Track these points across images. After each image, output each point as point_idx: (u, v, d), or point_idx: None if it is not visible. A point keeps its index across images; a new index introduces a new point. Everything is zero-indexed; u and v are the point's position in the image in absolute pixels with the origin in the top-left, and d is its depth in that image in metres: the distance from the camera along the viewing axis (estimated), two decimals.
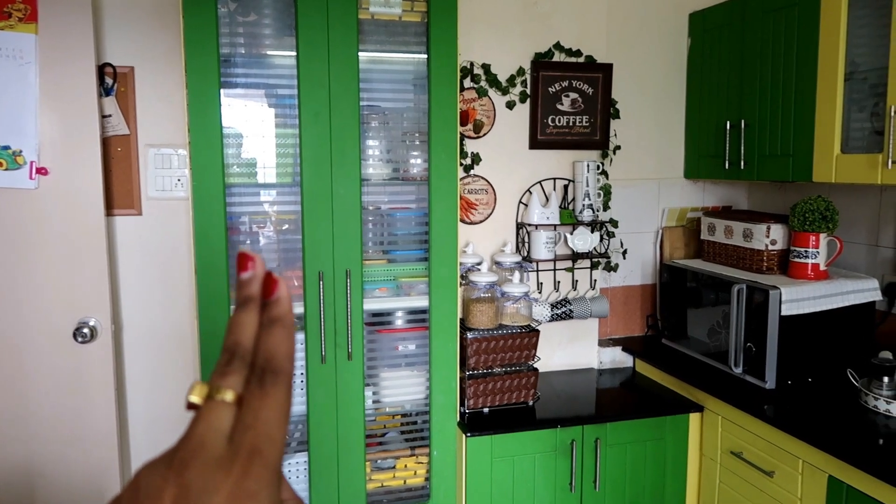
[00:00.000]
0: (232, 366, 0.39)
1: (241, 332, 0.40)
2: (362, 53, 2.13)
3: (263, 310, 0.41)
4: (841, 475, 1.84)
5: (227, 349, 0.40)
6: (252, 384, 0.38)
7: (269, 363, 0.38)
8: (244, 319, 0.40)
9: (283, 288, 0.41)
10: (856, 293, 2.29)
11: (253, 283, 0.41)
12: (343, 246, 2.12)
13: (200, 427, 0.37)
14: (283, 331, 0.40)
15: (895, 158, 1.92)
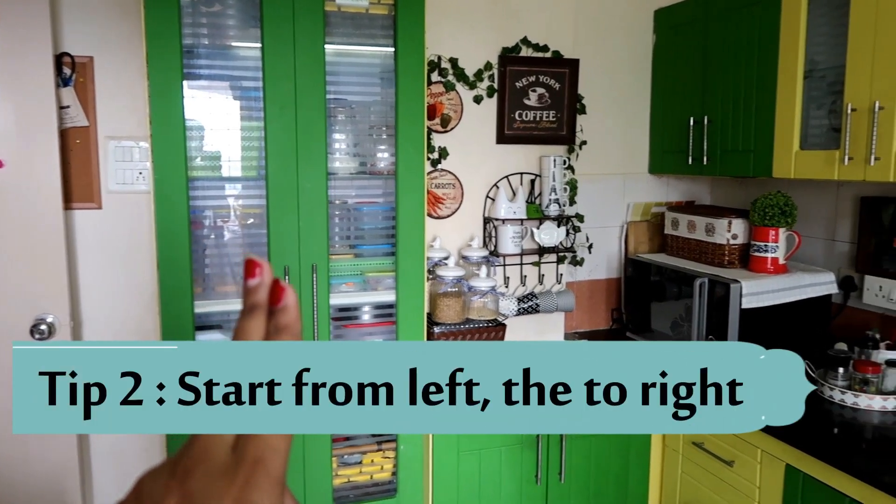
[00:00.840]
0: None
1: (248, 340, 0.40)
2: (329, 46, 2.11)
3: (270, 317, 0.40)
4: (797, 464, 1.89)
5: None
6: None
7: None
8: (251, 327, 0.40)
9: (290, 296, 0.40)
10: (813, 286, 2.35)
11: (260, 289, 0.41)
12: (309, 240, 2.10)
13: (204, 436, 0.36)
14: (290, 338, 0.40)
15: (851, 155, 1.97)
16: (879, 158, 1.89)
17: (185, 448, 0.37)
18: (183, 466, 0.35)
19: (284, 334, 0.39)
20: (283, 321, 0.40)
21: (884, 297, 2.23)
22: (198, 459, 0.36)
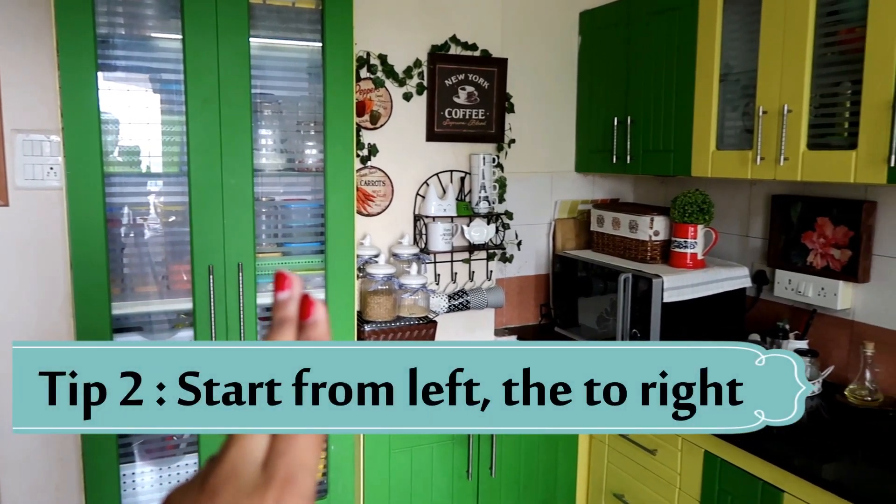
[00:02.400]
0: None
1: None
2: (254, 40, 2.06)
3: (300, 331, 0.40)
4: (715, 450, 1.98)
5: None
6: None
7: None
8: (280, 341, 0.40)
9: (320, 310, 0.40)
10: (729, 280, 2.46)
11: (290, 303, 0.40)
12: (234, 239, 2.05)
13: (233, 452, 0.36)
14: None
15: (763, 155, 2.08)
16: (788, 159, 2.00)
17: (213, 465, 0.36)
18: (212, 485, 0.35)
19: None
20: (313, 335, 0.40)
21: (793, 290, 2.35)
22: (227, 478, 0.35)
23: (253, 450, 0.36)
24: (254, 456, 0.36)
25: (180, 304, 2.08)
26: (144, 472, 2.10)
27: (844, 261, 2.19)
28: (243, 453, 0.36)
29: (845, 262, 2.19)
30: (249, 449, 0.36)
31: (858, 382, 2.08)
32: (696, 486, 2.05)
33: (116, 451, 1.99)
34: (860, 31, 1.81)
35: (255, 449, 0.36)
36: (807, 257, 2.32)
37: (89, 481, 1.96)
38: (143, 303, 2.07)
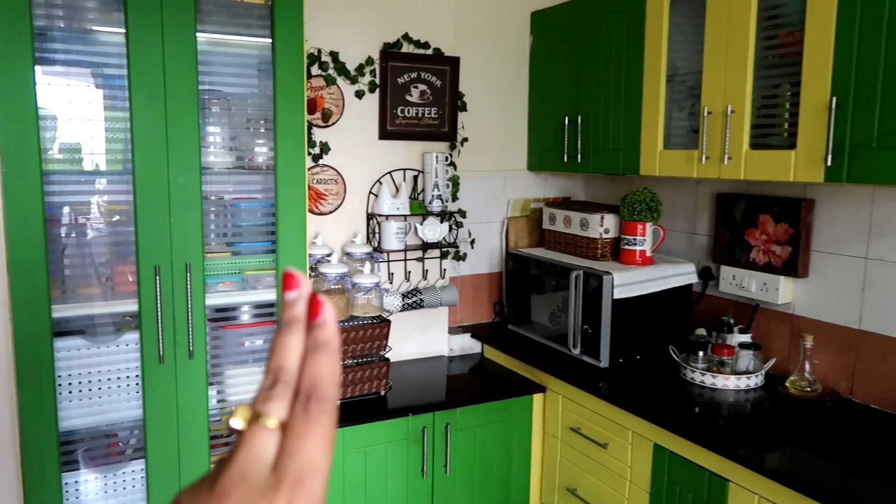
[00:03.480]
0: (276, 390, 0.38)
1: (286, 356, 0.39)
2: (201, 35, 2.01)
3: (308, 332, 0.39)
4: (664, 442, 2.03)
5: (270, 372, 0.38)
6: (297, 411, 0.37)
7: (315, 389, 0.37)
8: (289, 342, 0.39)
9: (328, 310, 0.40)
10: (676, 277, 2.52)
11: (298, 303, 0.40)
12: (182, 238, 2.00)
13: (243, 454, 0.35)
14: (329, 356, 0.39)
15: (708, 154, 2.13)
16: (732, 158, 2.06)
17: (222, 467, 0.36)
18: (221, 486, 0.35)
19: (323, 351, 0.39)
20: (321, 337, 0.39)
21: (737, 286, 2.43)
22: (237, 479, 0.35)
23: (262, 451, 0.36)
24: (263, 457, 0.36)
25: (126, 305, 2.02)
26: (88, 480, 2.03)
27: (785, 257, 2.27)
28: (253, 454, 0.36)
29: (786, 258, 2.27)
30: (259, 450, 0.36)
31: (798, 374, 2.16)
32: (646, 478, 2.09)
33: (58, 458, 1.92)
34: (799, 35, 1.88)
35: (264, 450, 0.36)
36: (750, 253, 2.39)
37: (29, 491, 1.89)
38: (86, 305, 2.00)
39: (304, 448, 0.36)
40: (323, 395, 0.37)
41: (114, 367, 2.03)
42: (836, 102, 1.76)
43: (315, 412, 0.37)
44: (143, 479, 2.06)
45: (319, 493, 0.35)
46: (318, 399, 0.37)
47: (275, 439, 0.36)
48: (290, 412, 0.37)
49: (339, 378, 0.39)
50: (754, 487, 1.75)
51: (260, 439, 0.36)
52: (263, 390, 0.38)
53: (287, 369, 0.38)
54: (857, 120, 1.73)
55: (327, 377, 0.38)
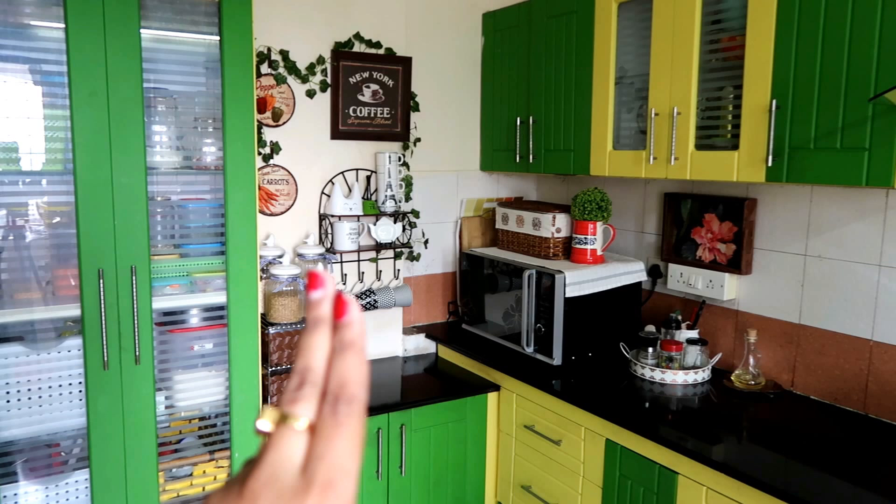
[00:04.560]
0: (303, 391, 0.37)
1: (312, 356, 0.38)
2: (146, 31, 1.96)
3: (334, 332, 0.39)
4: (616, 438, 2.06)
5: (297, 373, 0.38)
6: (325, 412, 0.36)
7: (343, 390, 0.37)
8: (315, 342, 0.39)
9: (354, 310, 0.39)
10: (626, 275, 2.57)
11: (323, 303, 0.40)
12: (127, 240, 1.94)
13: (271, 456, 0.35)
14: (357, 356, 0.38)
15: (656, 155, 2.18)
16: (678, 158, 2.11)
17: (251, 468, 0.35)
18: (251, 489, 0.34)
19: (350, 351, 0.38)
20: (347, 337, 0.39)
21: (684, 283, 2.49)
22: (266, 482, 0.35)
23: (291, 453, 0.35)
24: (292, 460, 0.35)
25: (67, 310, 1.95)
26: (29, 492, 1.96)
27: (729, 254, 2.34)
28: (282, 457, 0.35)
29: (730, 256, 2.34)
30: (288, 452, 0.35)
31: (743, 368, 2.23)
32: (599, 474, 2.13)
33: None
34: (741, 40, 1.93)
35: (293, 452, 0.35)
36: (696, 251, 2.45)
37: None
38: (25, 310, 1.92)
39: (334, 450, 0.35)
40: (351, 397, 0.37)
41: (55, 374, 1.96)
42: (775, 105, 1.82)
43: (344, 414, 0.36)
44: (87, 489, 2.00)
45: (349, 496, 0.35)
46: (347, 400, 0.37)
47: (303, 441, 0.36)
48: (318, 414, 0.37)
49: (366, 379, 0.38)
50: (702, 479, 1.80)
51: (288, 441, 0.36)
52: (290, 391, 0.37)
53: (314, 370, 0.38)
54: (795, 122, 1.79)
55: (355, 378, 0.38)
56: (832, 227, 2.08)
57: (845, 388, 2.06)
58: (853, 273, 2.03)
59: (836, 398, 2.09)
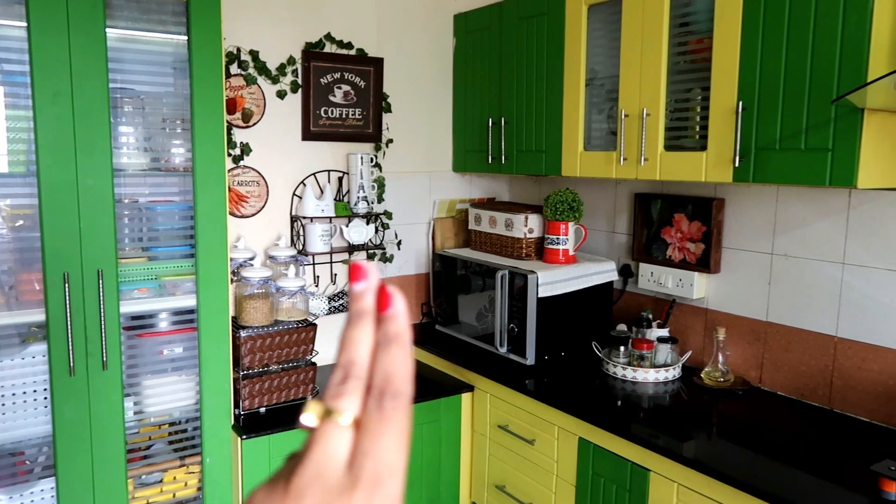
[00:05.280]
0: (347, 385, 0.36)
1: (356, 350, 0.37)
2: (112, 31, 1.93)
3: (378, 325, 0.38)
4: (588, 436, 2.08)
5: (340, 367, 0.37)
6: (370, 407, 0.36)
7: (389, 385, 0.36)
8: (358, 335, 0.38)
9: (399, 302, 0.38)
10: (598, 274, 2.59)
11: (366, 295, 0.39)
12: (93, 244, 1.91)
13: (317, 452, 0.35)
14: (402, 350, 0.37)
15: (626, 156, 2.20)
16: (648, 159, 2.13)
17: (295, 465, 0.35)
18: (296, 486, 0.34)
19: (395, 345, 0.37)
20: (392, 330, 0.38)
21: (654, 282, 2.52)
22: (312, 479, 0.34)
23: (337, 450, 0.35)
24: (338, 456, 0.35)
25: (32, 315, 1.91)
26: None
27: (699, 253, 2.37)
28: (327, 453, 0.35)
29: (699, 255, 2.37)
30: (333, 448, 0.35)
31: (712, 365, 2.26)
32: (572, 472, 2.14)
33: None
34: (708, 42, 1.97)
35: (338, 448, 0.35)
36: (666, 251, 2.49)
37: None
38: None
39: (380, 447, 0.35)
40: (397, 391, 0.36)
41: (19, 381, 1.91)
42: (742, 106, 1.85)
43: (390, 409, 0.36)
44: (53, 498, 1.95)
45: (397, 494, 0.34)
46: (393, 395, 0.36)
47: (348, 437, 0.35)
48: (363, 409, 0.36)
49: (412, 373, 0.38)
50: (673, 476, 1.82)
51: (333, 437, 0.35)
52: (334, 385, 0.37)
53: (358, 364, 0.37)
54: (761, 123, 1.83)
55: (401, 372, 0.37)
56: (797, 227, 2.12)
57: (811, 384, 2.11)
58: (818, 271, 2.08)
59: (802, 394, 2.13)
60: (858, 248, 1.98)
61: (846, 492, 1.61)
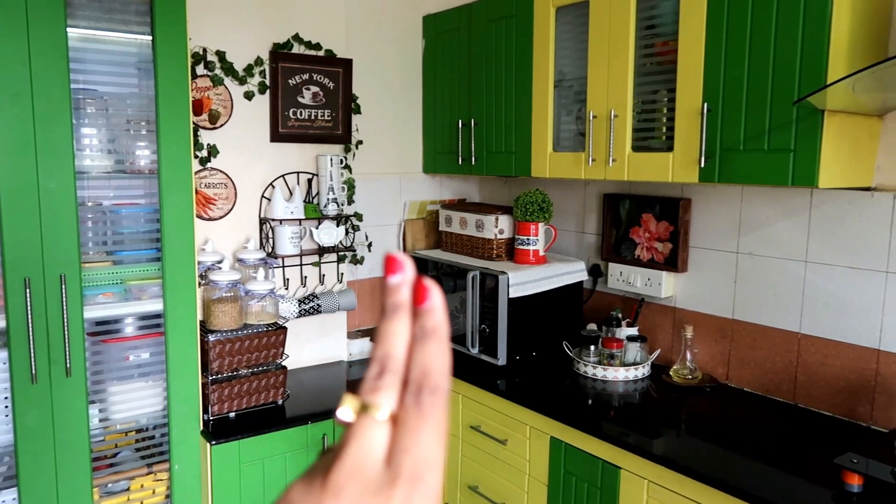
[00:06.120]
0: (383, 380, 0.36)
1: (392, 344, 0.37)
2: (73, 30, 1.89)
3: (415, 318, 0.37)
4: (560, 435, 2.09)
5: (376, 360, 0.36)
6: (408, 403, 0.35)
7: (426, 380, 0.36)
8: (394, 329, 0.37)
9: (436, 295, 0.38)
10: (568, 274, 2.61)
11: (402, 288, 0.38)
12: (55, 248, 1.86)
13: (354, 447, 0.34)
14: (439, 344, 0.37)
15: (595, 157, 2.23)
16: (616, 160, 2.16)
17: (332, 460, 0.34)
18: (334, 482, 0.33)
19: (433, 339, 0.37)
20: (430, 324, 0.37)
21: (624, 281, 2.55)
22: (350, 474, 0.33)
23: (374, 445, 0.34)
24: (375, 451, 0.34)
25: None
26: None
27: (666, 253, 2.41)
28: (365, 449, 0.34)
29: (667, 254, 2.40)
30: (370, 443, 0.34)
31: (681, 363, 2.29)
32: (544, 471, 2.15)
33: None
34: (673, 45, 1.99)
35: (375, 444, 0.34)
36: (635, 251, 2.51)
37: None
38: None
39: (419, 442, 0.34)
40: (435, 386, 0.36)
41: None
42: (707, 108, 1.89)
43: (428, 404, 0.35)
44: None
45: (436, 490, 0.34)
46: (431, 390, 0.35)
47: (385, 432, 0.35)
48: (401, 404, 0.35)
49: (450, 368, 0.37)
50: (644, 473, 1.84)
51: (371, 432, 0.35)
52: (370, 380, 0.36)
53: (394, 358, 0.37)
54: (726, 125, 1.86)
55: (439, 367, 0.36)
56: (762, 226, 2.16)
57: (776, 380, 2.15)
58: (781, 269, 2.12)
59: (767, 389, 2.18)
60: (820, 246, 2.03)
61: (811, 485, 1.64)
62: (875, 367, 1.92)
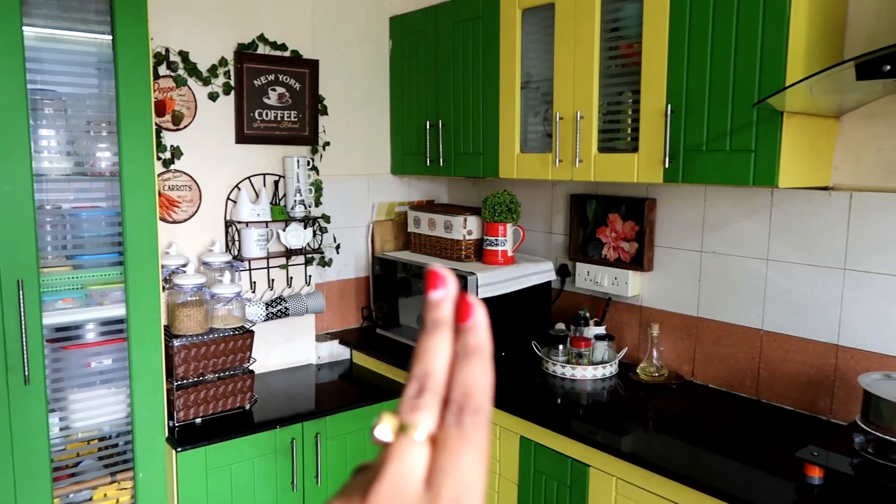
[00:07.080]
0: (423, 399, 0.35)
1: (433, 361, 0.36)
2: (29, 29, 1.84)
3: (457, 336, 0.36)
4: (529, 434, 2.10)
5: (416, 378, 0.35)
6: (449, 423, 0.34)
7: (468, 400, 0.34)
8: (435, 346, 0.36)
9: (480, 313, 0.37)
10: (537, 274, 2.63)
11: (444, 304, 0.37)
12: (11, 253, 1.81)
13: (393, 469, 0.33)
14: (482, 363, 0.35)
15: (562, 157, 2.24)
16: (582, 161, 2.18)
17: (371, 482, 0.33)
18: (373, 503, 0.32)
19: (475, 357, 0.35)
20: (472, 342, 0.36)
21: (591, 281, 2.57)
22: (389, 496, 0.33)
23: (413, 466, 0.33)
24: (415, 473, 0.33)
25: None
26: None
27: (633, 252, 2.44)
28: (404, 470, 0.33)
29: (633, 254, 2.43)
30: (409, 465, 0.33)
31: (648, 361, 2.32)
32: (514, 471, 2.16)
33: None
34: (637, 47, 2.02)
35: (415, 465, 0.33)
36: (602, 250, 2.54)
37: None
38: None
39: (460, 466, 0.33)
40: (477, 407, 0.34)
41: None
42: (670, 109, 1.91)
43: (470, 425, 0.34)
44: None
45: None
46: (473, 411, 0.34)
47: (424, 453, 0.34)
48: (441, 424, 0.34)
49: (492, 388, 0.36)
50: (612, 470, 1.86)
51: (410, 453, 0.33)
52: (409, 398, 0.35)
53: (434, 376, 0.35)
54: (689, 126, 1.89)
55: (481, 387, 0.35)
56: (725, 225, 2.20)
57: (740, 376, 2.19)
58: (744, 267, 2.16)
59: (731, 385, 2.22)
60: (781, 244, 2.07)
61: (774, 478, 1.68)
62: (834, 363, 1.97)
